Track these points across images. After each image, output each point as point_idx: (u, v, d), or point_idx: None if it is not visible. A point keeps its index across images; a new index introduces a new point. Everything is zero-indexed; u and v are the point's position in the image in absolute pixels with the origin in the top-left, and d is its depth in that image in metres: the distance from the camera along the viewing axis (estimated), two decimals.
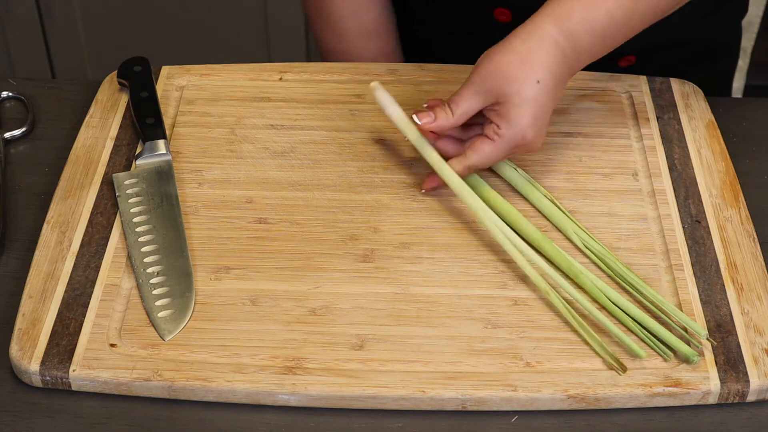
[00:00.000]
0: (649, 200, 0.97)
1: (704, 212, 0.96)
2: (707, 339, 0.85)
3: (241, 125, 1.04)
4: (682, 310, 0.87)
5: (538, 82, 0.92)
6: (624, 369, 0.82)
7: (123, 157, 1.00)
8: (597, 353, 0.83)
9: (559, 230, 0.94)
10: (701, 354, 0.84)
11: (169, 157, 0.99)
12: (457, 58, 1.11)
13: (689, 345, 0.84)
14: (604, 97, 1.07)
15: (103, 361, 0.83)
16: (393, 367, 0.83)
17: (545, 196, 0.96)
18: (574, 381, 0.82)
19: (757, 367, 0.83)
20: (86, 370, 0.83)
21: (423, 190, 0.97)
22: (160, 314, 0.86)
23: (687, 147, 1.02)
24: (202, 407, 0.83)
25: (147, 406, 0.83)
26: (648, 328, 0.85)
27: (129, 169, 0.99)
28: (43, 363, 0.83)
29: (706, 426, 0.82)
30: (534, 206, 0.96)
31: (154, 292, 0.88)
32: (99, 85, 1.09)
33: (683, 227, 0.95)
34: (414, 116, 0.95)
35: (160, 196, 0.95)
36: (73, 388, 0.83)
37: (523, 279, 0.90)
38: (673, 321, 0.86)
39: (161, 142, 0.99)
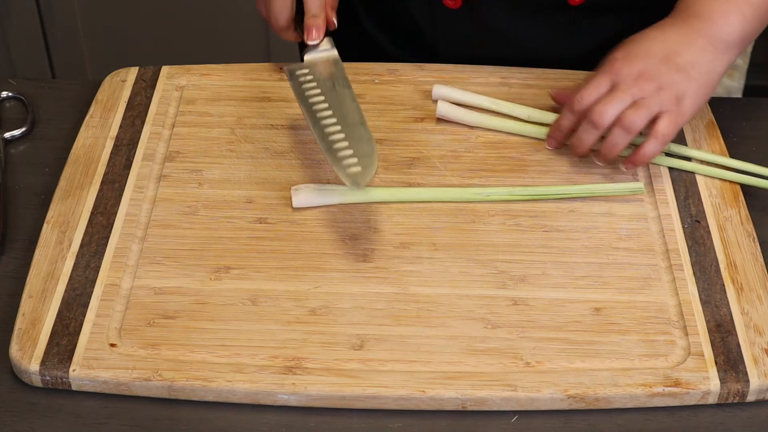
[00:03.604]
0: (649, 200, 0.97)
1: (704, 212, 0.96)
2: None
3: (241, 125, 1.04)
4: (682, 310, 0.87)
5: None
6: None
7: (123, 157, 1.00)
8: None
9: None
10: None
11: (335, 52, 1.03)
12: (403, 48, 1.11)
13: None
14: None
15: (103, 361, 0.83)
16: (393, 367, 0.83)
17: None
18: (573, 381, 0.82)
19: (757, 367, 0.83)
20: (86, 370, 0.83)
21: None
22: (349, 170, 0.90)
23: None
24: (202, 407, 0.83)
25: (147, 406, 0.83)
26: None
27: (129, 169, 0.99)
28: (43, 363, 0.83)
29: (706, 426, 0.82)
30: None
31: (340, 154, 0.92)
32: (99, 85, 1.09)
33: (683, 227, 0.95)
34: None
35: (332, 81, 1.00)
36: (73, 388, 0.83)
37: (523, 279, 0.90)
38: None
39: (325, 39, 1.05)
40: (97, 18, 2.06)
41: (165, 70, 1.10)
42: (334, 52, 1.04)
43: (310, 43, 1.04)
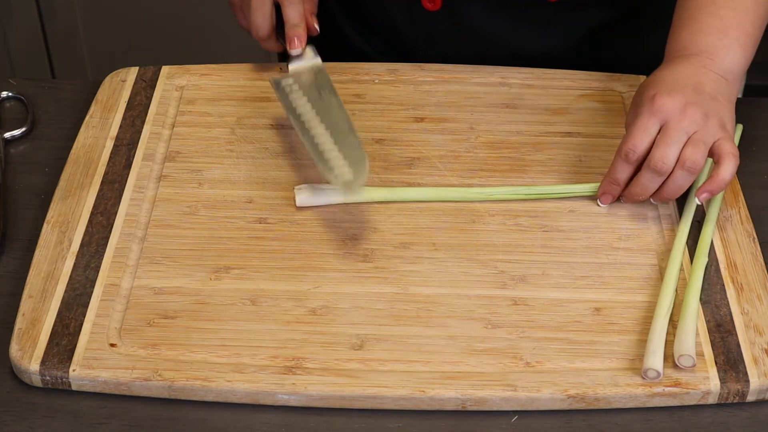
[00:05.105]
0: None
1: (704, 212, 0.96)
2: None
3: (241, 125, 1.04)
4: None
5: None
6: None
7: (123, 157, 1.00)
8: None
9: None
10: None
11: (318, 60, 1.04)
12: (382, 50, 1.11)
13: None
14: (604, 97, 1.07)
15: (103, 361, 0.83)
16: (393, 367, 0.83)
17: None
18: (574, 381, 0.82)
19: (757, 367, 0.83)
20: (86, 370, 0.83)
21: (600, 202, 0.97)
22: (342, 177, 0.92)
23: None
24: (202, 407, 0.83)
25: (147, 406, 0.83)
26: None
27: (129, 169, 0.99)
28: (43, 363, 0.83)
29: (706, 426, 0.82)
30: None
31: (331, 162, 0.93)
32: (99, 85, 1.09)
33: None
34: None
35: (318, 89, 1.01)
36: (73, 388, 0.83)
37: (523, 279, 0.90)
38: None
39: (308, 48, 1.05)
40: (97, 18, 2.06)
41: (165, 70, 1.10)
42: (318, 61, 1.04)
43: (293, 53, 1.04)
